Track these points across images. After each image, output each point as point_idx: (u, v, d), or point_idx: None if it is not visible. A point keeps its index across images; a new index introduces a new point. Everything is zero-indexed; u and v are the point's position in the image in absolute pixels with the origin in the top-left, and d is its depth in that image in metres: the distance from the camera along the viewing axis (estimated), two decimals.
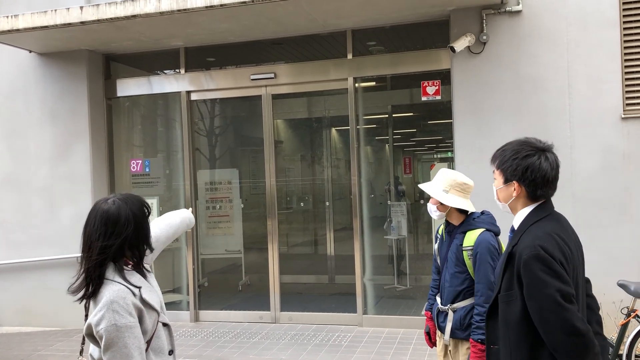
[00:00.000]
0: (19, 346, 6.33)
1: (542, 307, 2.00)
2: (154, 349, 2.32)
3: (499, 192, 2.28)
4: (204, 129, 8.06)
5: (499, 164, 2.25)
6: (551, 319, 1.98)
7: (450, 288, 3.21)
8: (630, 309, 4.37)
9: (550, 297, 1.98)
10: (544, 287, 1.99)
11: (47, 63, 7.21)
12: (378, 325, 6.51)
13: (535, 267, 2.01)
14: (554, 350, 2.00)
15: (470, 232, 3.15)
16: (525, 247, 2.06)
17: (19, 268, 7.17)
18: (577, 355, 1.98)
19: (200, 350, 5.89)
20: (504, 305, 2.13)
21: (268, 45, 7.08)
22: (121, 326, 2.12)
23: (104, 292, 2.18)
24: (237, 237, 7.60)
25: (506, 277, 2.13)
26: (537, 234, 2.09)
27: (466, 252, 3.13)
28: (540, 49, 5.82)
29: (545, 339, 2.01)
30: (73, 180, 7.09)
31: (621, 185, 5.61)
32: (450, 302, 3.21)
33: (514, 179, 2.19)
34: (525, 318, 2.05)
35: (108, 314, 2.13)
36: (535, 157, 2.17)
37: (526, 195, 2.20)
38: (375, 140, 7.80)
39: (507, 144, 2.28)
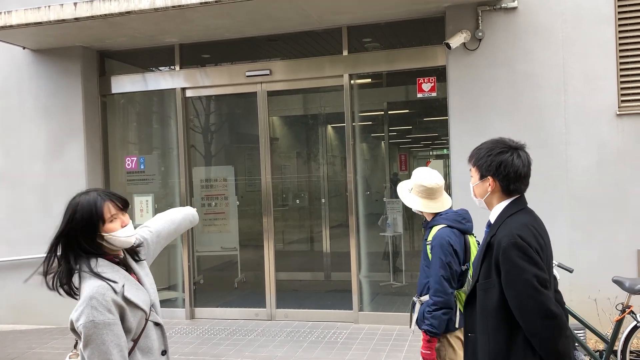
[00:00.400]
0: (14, 344, 6.30)
1: (519, 292, 2.12)
2: (142, 348, 2.28)
3: (475, 189, 2.42)
4: (199, 125, 8.04)
5: (475, 161, 2.39)
6: (528, 303, 2.11)
7: (419, 281, 3.39)
8: (625, 305, 4.38)
9: (528, 282, 2.11)
10: (522, 273, 2.12)
11: (41, 59, 7.16)
12: (374, 322, 6.51)
13: (513, 254, 2.14)
14: (530, 333, 2.12)
15: (433, 227, 3.29)
16: (503, 236, 2.20)
17: (13, 266, 7.14)
18: (551, 337, 2.11)
19: (196, 348, 5.88)
20: (482, 293, 2.25)
21: (263, 41, 7.06)
22: (99, 323, 2.10)
23: (85, 287, 2.17)
24: (233, 234, 7.58)
25: (484, 266, 2.26)
26: (514, 225, 2.23)
27: (429, 246, 3.28)
28: (535, 46, 5.82)
29: (521, 323, 2.13)
30: (67, 177, 7.06)
31: (616, 181, 5.62)
32: (419, 294, 3.36)
33: (489, 175, 2.33)
34: (503, 305, 2.17)
35: (87, 310, 2.11)
36: (508, 154, 2.32)
37: (500, 190, 2.34)
38: (371, 137, 7.79)
39: (482, 143, 2.43)
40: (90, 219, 2.23)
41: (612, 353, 4.43)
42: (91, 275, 2.19)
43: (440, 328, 3.12)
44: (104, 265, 2.24)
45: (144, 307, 2.28)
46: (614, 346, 4.43)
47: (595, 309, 5.30)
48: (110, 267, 2.25)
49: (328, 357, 5.47)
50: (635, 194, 5.59)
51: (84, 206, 2.26)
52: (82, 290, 2.17)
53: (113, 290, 2.17)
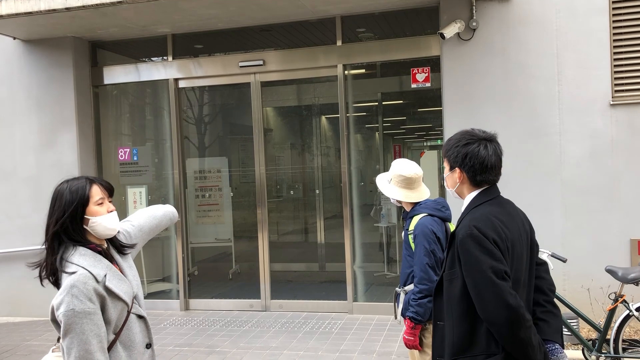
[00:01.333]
0: (8, 336, 6.29)
1: (476, 282, 2.15)
2: (124, 342, 2.26)
3: (447, 179, 2.44)
4: (192, 116, 8.00)
5: (445, 152, 2.43)
6: (485, 294, 2.13)
7: (402, 271, 3.40)
8: (618, 294, 4.41)
9: (483, 274, 2.13)
10: (477, 264, 2.14)
11: (32, 50, 7.09)
12: (368, 312, 6.53)
13: (469, 245, 2.17)
14: (489, 324, 2.15)
15: (414, 217, 3.32)
16: (461, 227, 2.23)
17: (5, 258, 7.10)
18: (510, 328, 2.12)
19: (191, 339, 5.88)
20: (447, 284, 2.29)
21: (257, 32, 7.01)
22: (79, 312, 2.09)
23: (64, 275, 2.16)
24: (227, 225, 7.57)
25: (449, 257, 2.30)
26: (474, 216, 2.25)
27: (410, 236, 3.30)
28: (529, 36, 5.81)
29: (480, 313, 2.16)
30: (60, 168, 7.01)
31: (609, 171, 5.64)
32: (403, 284, 3.38)
33: (456, 166, 2.35)
34: (465, 294, 2.20)
35: (67, 298, 2.10)
36: (475, 145, 2.33)
37: (468, 181, 2.35)
38: (365, 128, 7.78)
39: (453, 135, 2.45)
40: (80, 199, 2.23)
41: (604, 342, 4.47)
42: (73, 264, 2.17)
43: (425, 315, 3.16)
44: (87, 254, 2.23)
45: (126, 298, 2.26)
46: (607, 335, 4.46)
47: (588, 298, 5.33)
48: (92, 257, 2.24)
49: (323, 347, 5.48)
50: (628, 183, 5.61)
51: (72, 187, 2.25)
52: (64, 279, 2.16)
53: (94, 279, 2.16)
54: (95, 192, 2.27)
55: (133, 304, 2.33)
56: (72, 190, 2.24)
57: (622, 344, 4.45)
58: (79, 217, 2.22)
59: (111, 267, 2.27)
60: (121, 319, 2.26)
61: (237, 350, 5.50)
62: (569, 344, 4.99)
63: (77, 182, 2.27)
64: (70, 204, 2.22)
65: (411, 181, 3.36)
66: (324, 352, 5.34)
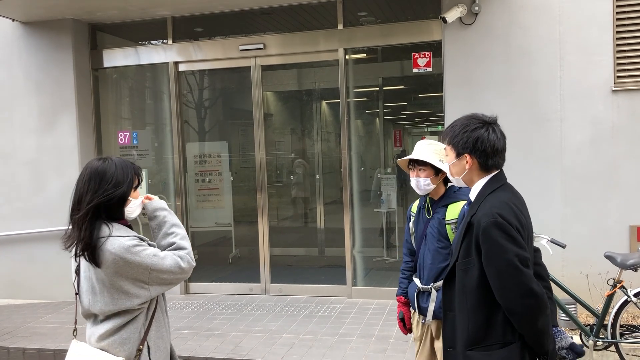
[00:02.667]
0: (8, 318, 6.33)
1: (500, 271, 2.11)
2: (158, 321, 2.36)
3: (451, 167, 2.37)
4: (192, 100, 7.97)
5: (450, 139, 2.35)
6: (509, 282, 2.10)
7: (432, 265, 3.07)
8: (616, 280, 4.43)
9: (509, 261, 2.09)
10: (503, 252, 2.10)
11: (31, 32, 7.04)
12: (367, 297, 6.56)
13: (494, 233, 2.12)
14: (510, 313, 2.13)
15: (452, 204, 3.05)
16: (483, 215, 2.17)
17: (6, 241, 7.12)
18: (532, 316, 2.11)
19: (191, 322, 5.92)
20: (462, 273, 2.24)
21: (257, 15, 6.96)
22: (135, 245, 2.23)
23: (108, 246, 2.20)
24: (227, 210, 7.58)
25: (464, 246, 2.23)
26: (493, 203, 2.20)
27: (449, 225, 3.01)
28: (532, 21, 5.77)
29: (501, 302, 2.13)
30: (60, 152, 7.01)
31: (610, 158, 5.63)
32: (433, 280, 3.07)
33: (466, 152, 2.29)
34: (482, 283, 2.17)
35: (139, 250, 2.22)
36: (484, 129, 2.29)
37: (478, 166, 2.30)
38: (365, 113, 7.75)
39: (455, 121, 2.39)
40: (130, 181, 2.32)
41: (602, 327, 4.49)
42: (116, 239, 2.22)
43: None
44: (121, 229, 2.29)
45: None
46: (605, 320, 4.49)
47: (587, 283, 5.35)
48: (126, 231, 2.31)
49: (322, 331, 5.52)
50: (628, 170, 5.60)
51: (123, 167, 2.32)
52: (105, 250, 2.20)
53: (139, 239, 2.28)
54: (135, 176, 2.37)
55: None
56: (125, 170, 2.31)
57: (619, 329, 4.48)
58: (126, 196, 2.31)
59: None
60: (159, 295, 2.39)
61: (236, 333, 5.54)
62: (567, 329, 5.02)
63: (125, 164, 2.34)
64: (122, 184, 2.28)
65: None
66: (322, 336, 5.37)
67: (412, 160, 3.13)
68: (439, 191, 3.12)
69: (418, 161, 3.09)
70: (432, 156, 3.06)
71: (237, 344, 5.23)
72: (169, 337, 2.43)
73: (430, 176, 3.07)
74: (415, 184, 3.13)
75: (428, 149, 3.10)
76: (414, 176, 3.12)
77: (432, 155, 3.07)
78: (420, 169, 3.09)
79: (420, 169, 3.09)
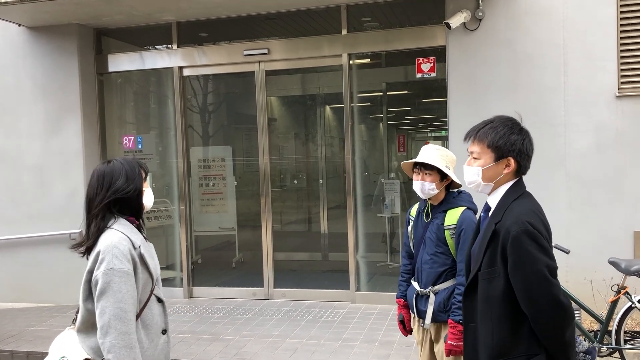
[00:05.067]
0: (13, 322, 6.34)
1: (530, 282, 2.03)
2: (144, 322, 2.33)
3: (486, 171, 2.22)
4: (196, 105, 8.00)
5: (493, 141, 2.20)
6: (538, 293, 2.02)
7: (430, 270, 3.11)
8: (621, 286, 4.41)
9: (540, 273, 2.02)
10: (534, 262, 2.02)
11: (37, 37, 7.09)
12: (370, 302, 6.56)
13: (525, 242, 2.03)
14: (537, 324, 2.05)
15: (451, 210, 3.08)
16: (512, 224, 2.07)
17: (11, 244, 7.14)
18: (559, 328, 2.05)
19: (194, 326, 5.93)
20: (486, 283, 2.15)
21: (262, 20, 6.99)
22: (119, 271, 2.17)
23: (103, 238, 2.26)
24: (231, 214, 7.59)
25: (488, 254, 2.14)
26: (521, 211, 2.11)
27: (448, 231, 3.04)
28: (536, 26, 5.77)
29: (529, 313, 2.05)
30: (65, 156, 7.04)
31: (614, 163, 5.62)
32: (431, 284, 3.11)
33: (510, 155, 2.19)
34: (508, 294, 2.09)
35: (107, 257, 2.20)
36: (524, 133, 2.24)
37: (516, 170, 2.21)
38: (369, 118, 7.76)
39: (489, 122, 2.26)
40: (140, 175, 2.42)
41: (606, 333, 4.48)
42: (112, 229, 2.30)
43: None
44: (126, 224, 2.35)
45: (153, 272, 2.38)
46: (609, 326, 4.47)
47: (591, 289, 5.34)
48: (130, 228, 2.36)
49: (325, 336, 5.51)
50: (633, 175, 5.59)
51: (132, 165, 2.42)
52: (100, 243, 2.25)
53: (132, 244, 2.28)
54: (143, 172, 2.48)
55: (155, 285, 2.42)
56: (131, 164, 2.43)
57: (623, 335, 4.46)
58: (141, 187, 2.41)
59: (144, 241, 2.40)
60: (144, 295, 2.35)
61: (240, 337, 5.54)
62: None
63: (133, 162, 2.46)
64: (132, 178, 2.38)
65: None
66: (326, 341, 5.37)
67: (418, 163, 3.14)
68: (440, 196, 3.15)
69: (425, 165, 3.10)
70: (439, 161, 3.07)
71: (240, 349, 5.23)
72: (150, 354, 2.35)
73: (436, 181, 3.09)
74: (419, 188, 3.13)
75: (436, 154, 3.11)
76: (418, 180, 3.13)
77: (439, 160, 3.08)
78: (426, 173, 3.10)
79: (426, 173, 3.10)
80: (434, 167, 3.06)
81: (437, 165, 3.05)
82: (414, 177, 3.18)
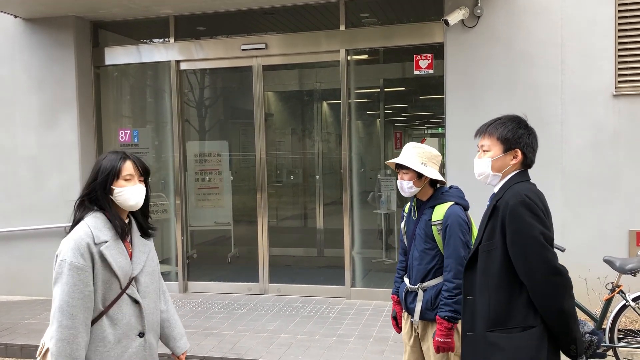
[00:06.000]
0: (7, 314, 6.33)
1: (526, 248, 2.14)
2: (111, 318, 2.28)
3: (495, 162, 2.37)
4: (193, 99, 7.97)
5: (502, 134, 2.37)
6: (534, 259, 2.13)
7: (419, 266, 3.12)
8: (615, 285, 4.43)
9: (535, 239, 2.14)
10: (529, 229, 2.15)
11: (33, 29, 7.05)
12: (365, 298, 6.56)
13: (521, 211, 2.17)
14: (534, 292, 2.14)
15: (439, 206, 3.09)
16: (511, 197, 2.23)
17: (5, 237, 7.12)
18: (556, 294, 2.12)
19: (189, 321, 5.92)
20: (485, 255, 2.27)
21: (259, 14, 6.96)
22: (69, 263, 2.18)
23: (73, 231, 2.28)
24: (227, 209, 7.58)
25: (489, 228, 2.28)
26: (520, 188, 2.28)
27: (435, 226, 3.05)
28: (534, 25, 5.77)
29: (526, 281, 2.15)
30: (60, 149, 7.01)
31: (610, 162, 5.64)
32: (420, 281, 3.12)
33: (517, 147, 2.35)
34: (506, 265, 2.20)
35: (64, 249, 2.22)
36: (530, 128, 2.43)
37: (522, 162, 2.37)
38: (366, 115, 7.76)
39: (499, 118, 2.44)
40: (111, 170, 2.33)
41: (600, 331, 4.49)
42: (82, 222, 2.29)
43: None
44: (99, 218, 2.31)
45: (119, 273, 2.28)
46: (603, 325, 4.49)
47: (585, 288, 5.36)
48: (103, 222, 2.31)
49: (320, 331, 5.52)
50: (628, 174, 5.61)
51: (109, 158, 2.37)
52: (70, 234, 2.28)
53: (92, 239, 2.24)
54: (127, 167, 2.36)
55: (129, 285, 2.33)
56: (108, 160, 2.36)
57: (617, 333, 4.48)
58: (108, 185, 2.32)
59: (117, 239, 2.31)
60: (112, 293, 2.29)
61: (234, 332, 5.54)
62: None
63: (114, 155, 2.39)
64: (102, 173, 2.33)
65: (440, 161, 3.18)
66: (321, 337, 5.38)
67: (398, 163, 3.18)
68: (427, 192, 3.16)
69: (401, 164, 3.13)
70: (414, 160, 3.10)
71: (235, 343, 5.23)
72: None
73: (413, 179, 3.11)
74: (400, 186, 3.19)
75: (412, 153, 3.13)
76: (399, 179, 3.18)
77: (414, 158, 3.10)
78: (404, 172, 3.14)
79: (404, 172, 3.14)
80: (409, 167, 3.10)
81: (408, 165, 3.07)
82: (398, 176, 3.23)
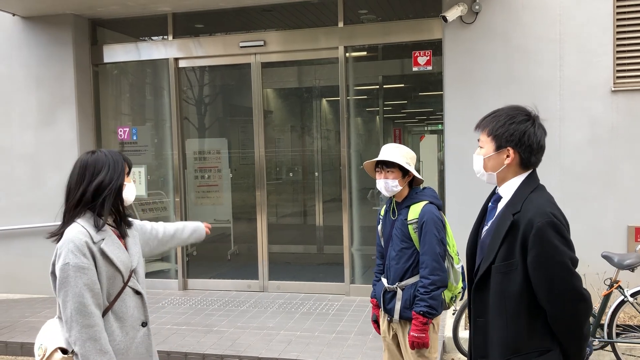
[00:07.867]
0: (6, 312, 6.33)
1: (553, 274, 1.95)
2: (117, 313, 2.31)
3: (487, 161, 2.15)
4: (192, 97, 7.96)
5: (493, 129, 2.13)
6: (561, 287, 1.95)
7: (397, 266, 3.18)
8: (613, 280, 4.44)
9: (563, 265, 1.95)
10: (558, 254, 1.95)
11: (31, 27, 7.04)
12: (365, 295, 6.57)
13: (550, 234, 1.95)
14: (556, 319, 1.98)
15: (414, 205, 3.14)
16: (536, 215, 1.98)
17: (3, 235, 7.12)
18: (580, 322, 2.00)
19: (189, 318, 5.93)
20: (500, 276, 2.04)
21: (258, 11, 6.96)
22: (73, 265, 2.17)
23: (66, 232, 2.26)
24: (226, 206, 7.58)
25: (505, 247, 2.03)
26: (542, 202, 2.03)
27: (411, 225, 3.11)
28: (532, 20, 5.77)
29: (549, 307, 1.98)
30: (59, 147, 7.01)
31: (608, 158, 5.64)
32: (398, 280, 3.17)
33: (509, 145, 2.09)
34: (526, 288, 2.00)
35: (63, 252, 2.21)
36: (530, 123, 2.11)
37: (519, 162, 2.11)
38: (365, 111, 7.75)
39: (497, 110, 2.19)
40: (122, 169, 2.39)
41: (598, 326, 4.51)
42: (75, 223, 2.28)
43: (440, 308, 3.00)
44: (90, 217, 2.32)
45: (121, 267, 2.32)
46: (601, 320, 4.50)
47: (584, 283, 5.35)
48: (94, 221, 2.32)
49: (319, 328, 5.53)
50: (626, 170, 5.61)
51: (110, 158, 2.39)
52: (63, 235, 2.26)
53: (90, 237, 2.25)
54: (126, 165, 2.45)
55: (131, 278, 2.37)
56: (116, 160, 2.39)
57: (616, 329, 4.49)
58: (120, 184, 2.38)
59: (112, 235, 2.34)
60: (115, 288, 2.31)
61: (234, 329, 5.55)
62: None
63: (117, 155, 2.42)
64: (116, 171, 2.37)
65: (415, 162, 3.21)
66: (320, 333, 5.39)
67: (380, 162, 3.20)
68: (403, 193, 3.22)
69: (387, 163, 3.15)
70: (400, 159, 3.14)
71: (234, 340, 5.24)
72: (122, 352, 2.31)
73: (398, 178, 3.15)
74: (383, 186, 3.19)
75: (396, 152, 3.17)
76: (381, 178, 3.19)
77: (400, 157, 3.14)
78: (388, 170, 3.16)
79: (388, 170, 3.16)
80: (395, 165, 3.13)
81: (399, 162, 3.11)
82: (376, 176, 3.24)
